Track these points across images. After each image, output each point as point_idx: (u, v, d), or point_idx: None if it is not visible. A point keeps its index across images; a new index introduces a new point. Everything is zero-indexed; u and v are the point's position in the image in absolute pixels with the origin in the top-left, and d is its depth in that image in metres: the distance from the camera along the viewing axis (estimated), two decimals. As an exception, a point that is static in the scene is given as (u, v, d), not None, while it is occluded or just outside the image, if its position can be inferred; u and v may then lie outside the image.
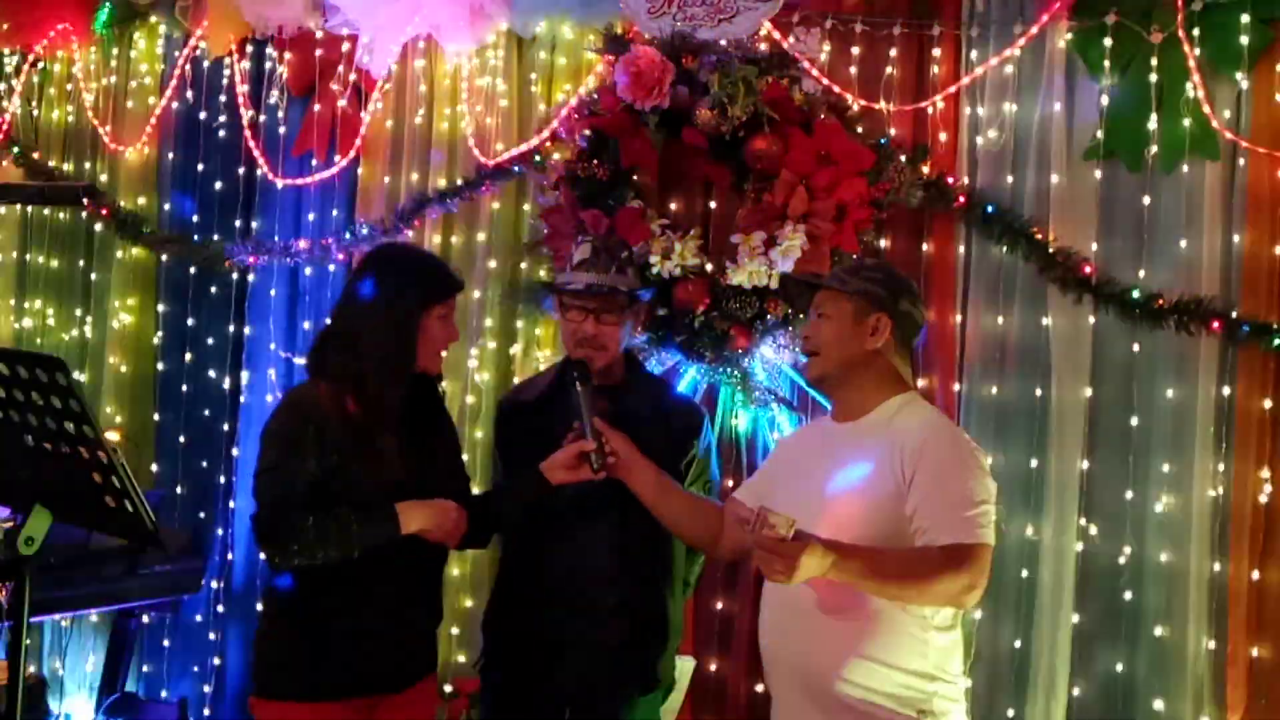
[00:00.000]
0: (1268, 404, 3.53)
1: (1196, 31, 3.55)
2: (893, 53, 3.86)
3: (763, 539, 2.23)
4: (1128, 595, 3.62)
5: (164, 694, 4.63)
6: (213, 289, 4.70)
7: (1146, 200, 3.66)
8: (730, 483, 3.86)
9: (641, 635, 3.02)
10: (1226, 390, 3.56)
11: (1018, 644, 3.72)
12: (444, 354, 2.79)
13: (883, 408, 2.55)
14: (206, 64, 4.72)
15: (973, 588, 2.39)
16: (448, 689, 3.99)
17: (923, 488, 2.41)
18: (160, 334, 4.82)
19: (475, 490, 3.10)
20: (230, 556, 4.61)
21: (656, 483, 2.82)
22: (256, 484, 2.68)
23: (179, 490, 4.68)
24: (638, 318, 3.19)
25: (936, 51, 3.86)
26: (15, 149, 5.04)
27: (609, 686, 3.00)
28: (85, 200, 4.69)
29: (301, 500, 2.59)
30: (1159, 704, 3.57)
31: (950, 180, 3.80)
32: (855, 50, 3.89)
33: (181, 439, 4.71)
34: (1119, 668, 3.62)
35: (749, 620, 3.90)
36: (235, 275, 4.63)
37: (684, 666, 3.45)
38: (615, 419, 2.99)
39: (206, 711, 4.62)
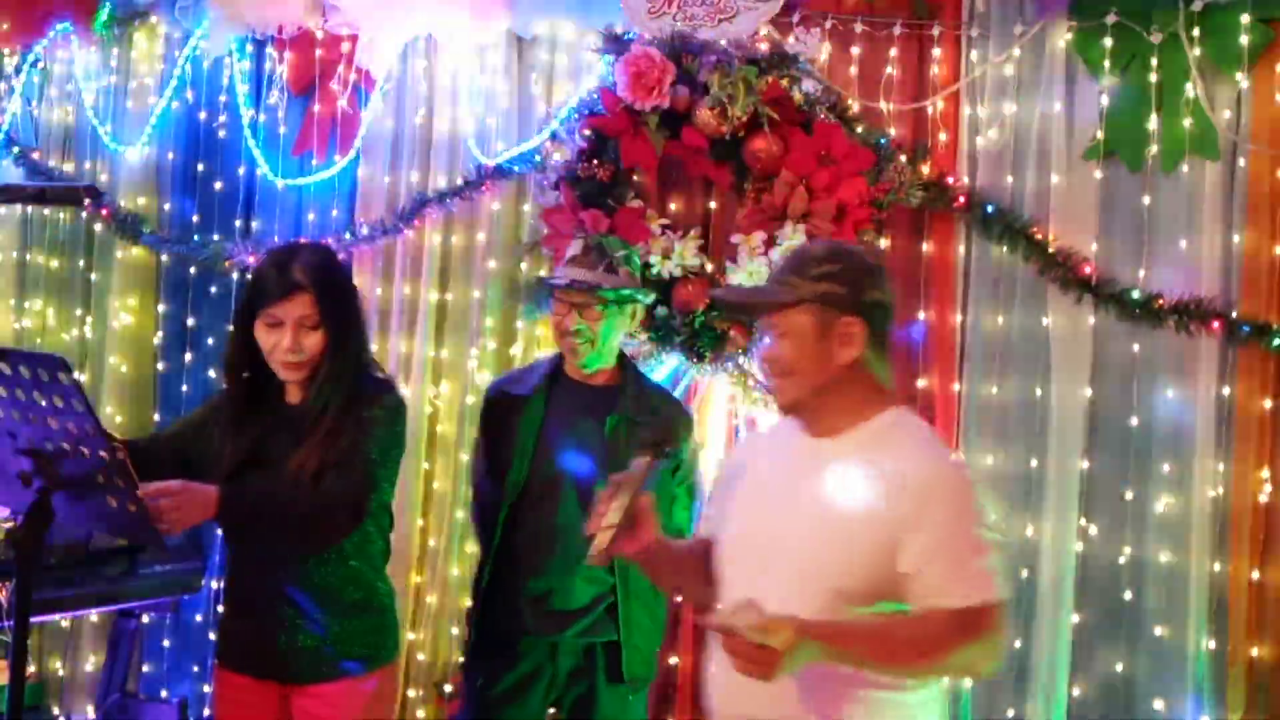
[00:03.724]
0: (1268, 404, 3.54)
1: (1196, 31, 3.56)
2: (893, 53, 3.86)
3: (738, 644, 1.89)
4: (1128, 595, 3.62)
5: (164, 694, 4.61)
6: (213, 289, 4.69)
7: (1146, 200, 3.67)
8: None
9: (628, 633, 3.06)
10: (1226, 390, 3.56)
11: (1018, 644, 3.71)
12: (291, 362, 2.61)
13: (867, 425, 2.18)
14: (206, 64, 4.72)
15: (993, 657, 2.09)
16: (448, 689, 3.99)
17: (928, 542, 2.05)
18: (160, 334, 4.80)
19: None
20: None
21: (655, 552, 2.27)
22: None
23: (179, 490, 4.67)
24: (632, 319, 3.20)
25: (936, 51, 3.86)
26: (15, 149, 5.03)
27: (598, 685, 3.06)
28: (85, 200, 4.68)
29: (150, 443, 2.81)
30: (1159, 704, 3.57)
31: (950, 180, 3.80)
32: (855, 50, 3.89)
33: (181, 439, 4.70)
34: (1119, 668, 3.63)
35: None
36: (235, 275, 4.62)
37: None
38: (610, 420, 3.04)
39: (206, 711, 4.61)
